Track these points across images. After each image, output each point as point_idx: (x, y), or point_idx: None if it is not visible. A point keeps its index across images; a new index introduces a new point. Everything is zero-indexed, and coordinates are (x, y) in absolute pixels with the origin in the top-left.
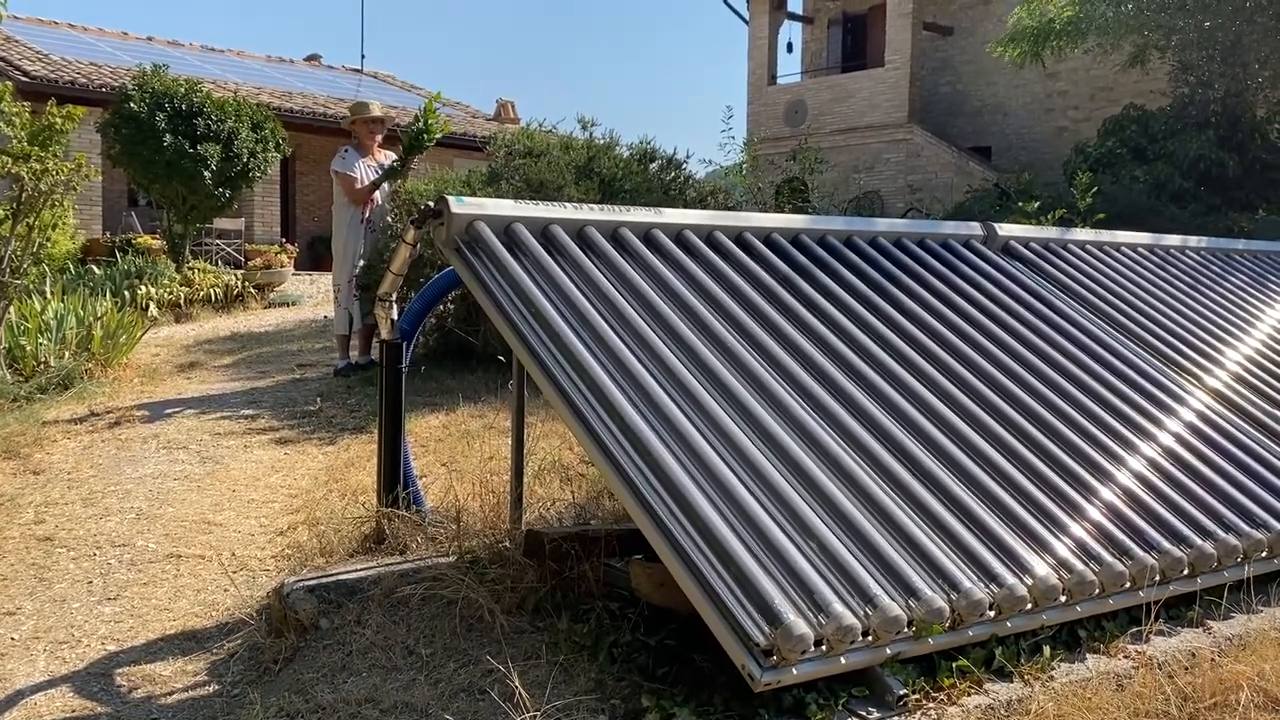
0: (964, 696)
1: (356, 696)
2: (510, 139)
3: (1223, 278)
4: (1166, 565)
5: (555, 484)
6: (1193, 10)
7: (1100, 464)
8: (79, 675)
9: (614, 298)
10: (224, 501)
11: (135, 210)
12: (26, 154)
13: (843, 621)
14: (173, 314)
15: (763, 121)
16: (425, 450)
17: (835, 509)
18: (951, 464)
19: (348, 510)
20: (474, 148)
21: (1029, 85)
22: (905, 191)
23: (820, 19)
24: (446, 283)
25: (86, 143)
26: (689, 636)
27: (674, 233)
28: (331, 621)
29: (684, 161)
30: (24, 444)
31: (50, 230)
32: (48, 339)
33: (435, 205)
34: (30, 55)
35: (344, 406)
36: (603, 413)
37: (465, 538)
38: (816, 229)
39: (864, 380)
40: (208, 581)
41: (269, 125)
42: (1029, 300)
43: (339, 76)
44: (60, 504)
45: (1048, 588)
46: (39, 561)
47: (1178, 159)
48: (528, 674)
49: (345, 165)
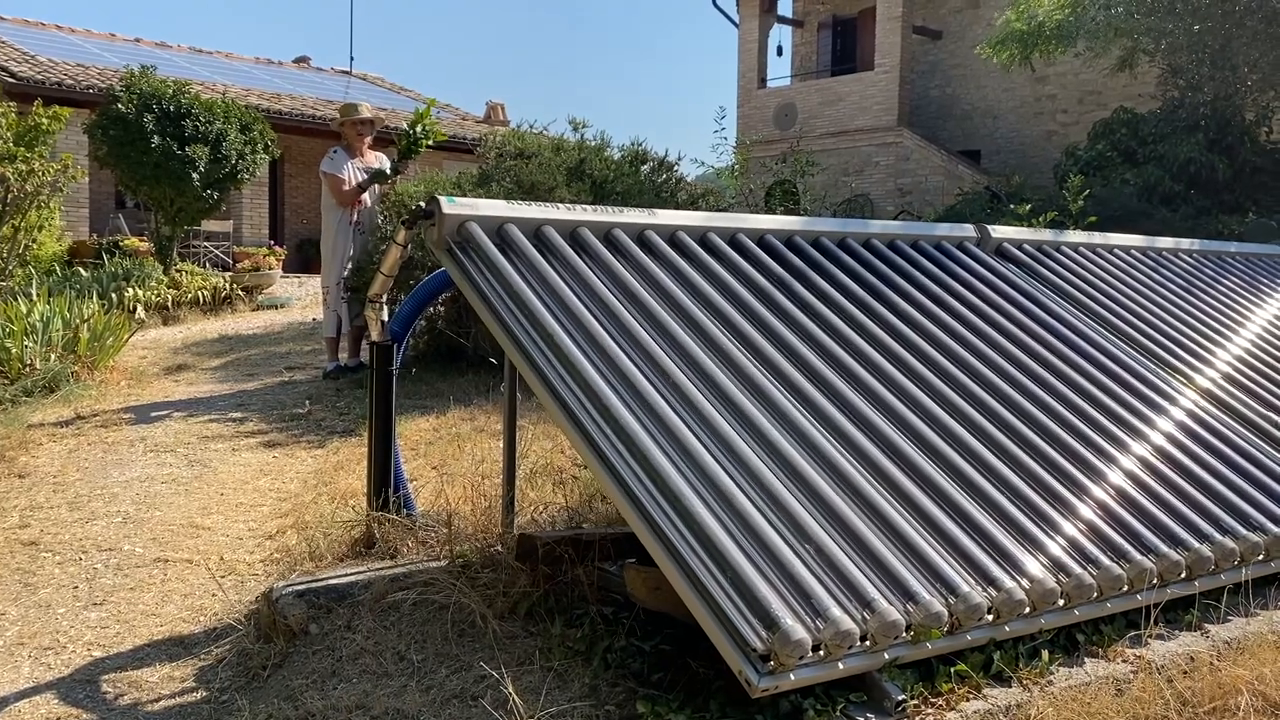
0: (962, 702)
1: (347, 703)
2: (501, 140)
3: (1216, 280)
4: (1164, 568)
5: (547, 487)
6: (1182, 14)
7: (1097, 467)
8: (64, 682)
9: (608, 299)
10: (212, 505)
11: (123, 212)
12: (12, 155)
13: (840, 626)
14: (160, 316)
15: (753, 124)
16: (416, 453)
17: (832, 513)
18: (948, 467)
19: (337, 514)
20: (463, 150)
21: (1018, 89)
22: (895, 195)
23: (810, 22)
24: (438, 284)
25: (73, 144)
26: (684, 641)
27: (668, 234)
28: (321, 627)
29: (676, 163)
30: (9, 447)
31: (36, 232)
32: (34, 341)
33: (426, 206)
34: (16, 56)
35: (333, 409)
36: (597, 415)
37: (457, 542)
38: (810, 230)
39: (859, 383)
40: (195, 586)
41: (258, 127)
42: (1023, 303)
43: (328, 78)
44: (46, 508)
45: (1046, 591)
46: (24, 566)
47: (1168, 162)
48: (521, 680)
49: (333, 166)
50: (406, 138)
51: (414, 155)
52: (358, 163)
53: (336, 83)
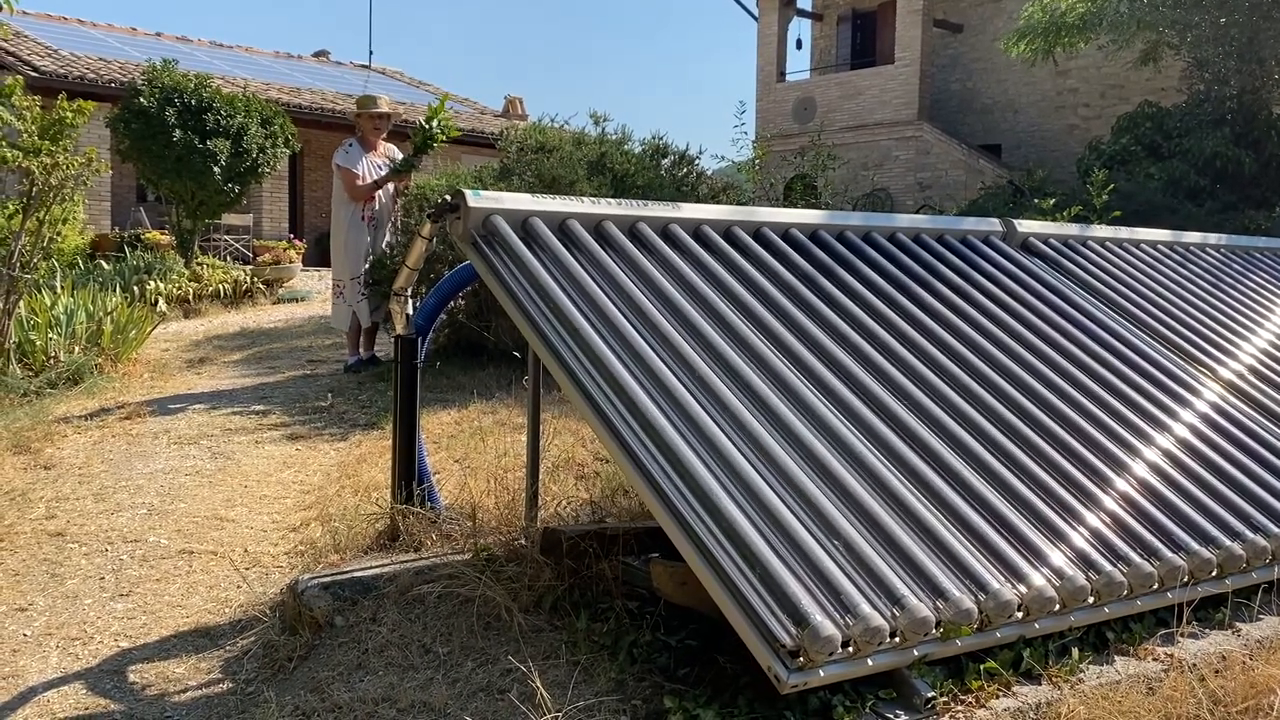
0: (992, 699)
1: (373, 695)
2: (522, 134)
3: (1245, 275)
4: (1195, 566)
5: (569, 481)
6: (1208, 6)
7: (1127, 464)
8: (91, 672)
9: (632, 293)
10: (236, 497)
11: (144, 206)
12: (37, 149)
13: (870, 623)
14: (181, 309)
15: (771, 118)
16: (438, 446)
17: (860, 508)
18: (977, 463)
19: (361, 507)
20: (482, 144)
21: (1039, 83)
22: (915, 189)
23: (830, 15)
24: (462, 278)
25: (95, 138)
26: (710, 637)
27: (692, 228)
28: (346, 619)
29: (696, 157)
30: (34, 439)
31: (60, 225)
32: (58, 334)
33: (452, 199)
34: (40, 50)
35: (355, 402)
36: (623, 409)
37: (481, 535)
38: (835, 224)
39: (886, 377)
40: (220, 578)
41: (278, 121)
42: (1050, 298)
43: (347, 72)
44: (71, 499)
45: (1076, 588)
46: (51, 557)
47: (1193, 156)
48: (547, 674)
49: (348, 160)
50: (422, 132)
51: (429, 150)
52: (372, 157)
53: (356, 77)
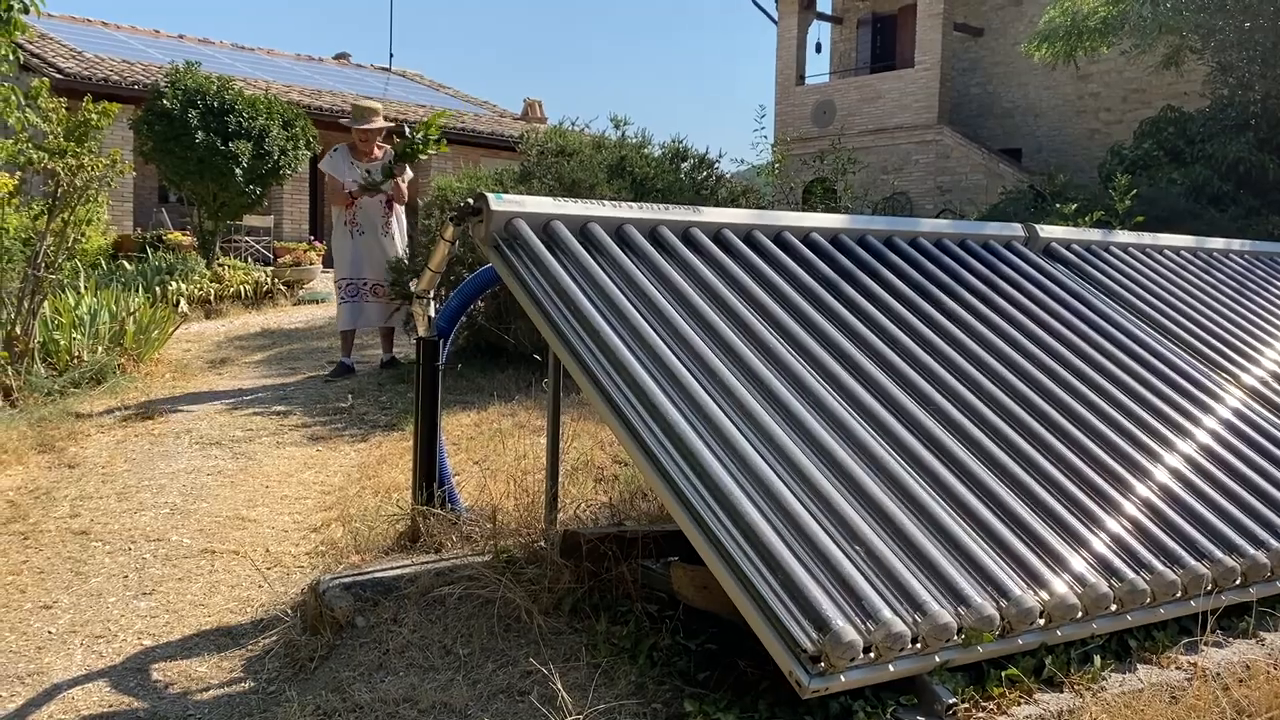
0: (1013, 706)
1: (394, 696)
2: (543, 138)
3: (1269, 282)
4: (1219, 574)
5: (589, 484)
6: (1232, 11)
7: (1150, 471)
8: (115, 670)
9: (654, 296)
10: (257, 497)
11: (166, 207)
12: (62, 150)
13: (892, 629)
14: (203, 310)
15: (791, 121)
16: (458, 448)
17: (882, 514)
18: (998, 469)
19: (382, 508)
20: (502, 147)
21: (1060, 87)
22: (935, 193)
23: (849, 19)
24: (484, 280)
25: (119, 139)
26: (730, 640)
27: (713, 232)
28: (368, 620)
29: (716, 161)
30: (58, 438)
31: (84, 226)
32: (81, 334)
33: (474, 203)
34: (64, 52)
35: (375, 403)
36: (644, 412)
37: (501, 537)
38: (856, 229)
39: (906, 381)
40: (242, 577)
41: (300, 123)
42: (1073, 303)
43: (368, 75)
44: (95, 498)
45: (1099, 595)
46: (75, 555)
47: (1216, 161)
48: (567, 676)
49: (331, 165)
50: (408, 143)
51: (409, 160)
52: (361, 163)
53: (376, 79)
